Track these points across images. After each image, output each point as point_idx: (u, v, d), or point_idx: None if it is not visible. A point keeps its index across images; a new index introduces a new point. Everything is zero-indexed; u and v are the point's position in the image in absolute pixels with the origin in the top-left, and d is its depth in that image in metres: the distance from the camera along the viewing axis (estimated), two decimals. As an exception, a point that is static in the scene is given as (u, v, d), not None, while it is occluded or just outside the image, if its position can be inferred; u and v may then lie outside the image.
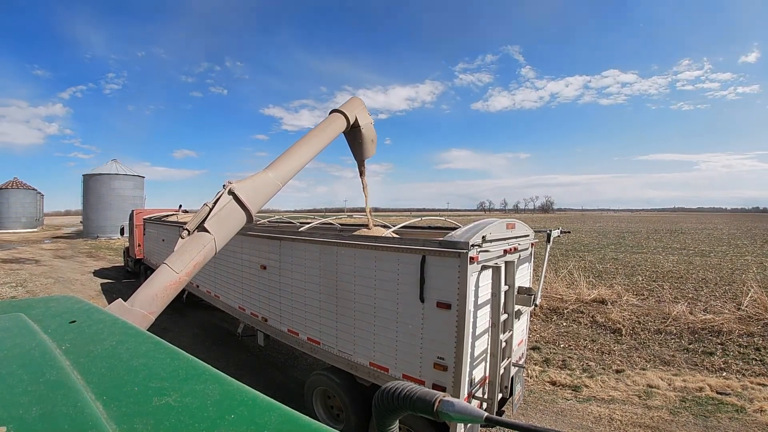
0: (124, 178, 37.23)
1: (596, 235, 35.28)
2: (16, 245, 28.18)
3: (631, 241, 29.25)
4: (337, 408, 5.01)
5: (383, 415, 1.21)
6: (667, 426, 5.37)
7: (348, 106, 5.28)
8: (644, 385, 6.48)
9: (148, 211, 15.41)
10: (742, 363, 7.20)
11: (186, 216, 12.53)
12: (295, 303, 5.43)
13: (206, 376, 0.95)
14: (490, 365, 4.09)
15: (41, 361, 1.03)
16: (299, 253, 5.32)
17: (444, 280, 3.65)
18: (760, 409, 5.65)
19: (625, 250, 23.11)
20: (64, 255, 23.62)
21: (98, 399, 0.85)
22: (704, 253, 21.58)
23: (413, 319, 3.90)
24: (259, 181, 4.18)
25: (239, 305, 6.93)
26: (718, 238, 31.02)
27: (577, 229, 44.86)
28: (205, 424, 0.75)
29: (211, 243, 3.73)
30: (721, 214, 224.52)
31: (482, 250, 3.72)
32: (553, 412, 5.76)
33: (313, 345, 5.13)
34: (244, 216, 4.03)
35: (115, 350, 1.14)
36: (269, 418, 0.77)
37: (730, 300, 10.56)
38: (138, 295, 3.38)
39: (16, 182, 43.12)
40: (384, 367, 4.21)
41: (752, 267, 14.88)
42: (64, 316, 1.49)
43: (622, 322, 9.15)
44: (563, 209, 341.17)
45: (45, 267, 18.70)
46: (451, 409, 1.08)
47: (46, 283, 14.86)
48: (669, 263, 17.58)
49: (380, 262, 4.21)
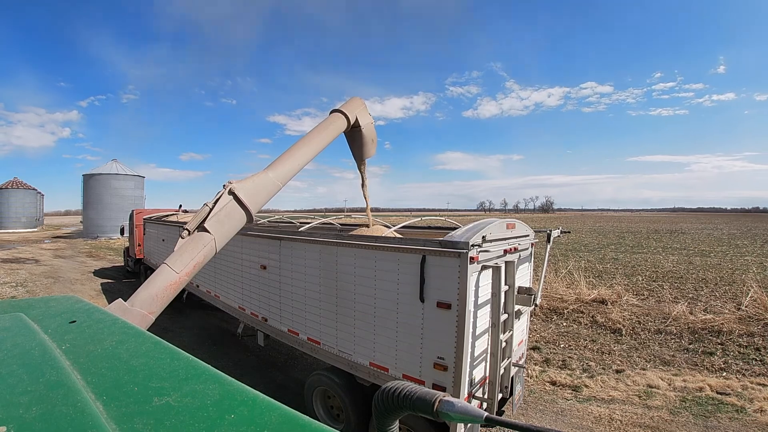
0: (124, 178, 37.21)
1: (596, 235, 35.28)
2: (16, 245, 28.19)
3: (631, 241, 29.25)
4: (337, 408, 5.01)
5: (383, 415, 1.21)
6: (667, 426, 5.37)
7: (348, 105, 5.26)
8: (644, 385, 6.47)
9: (148, 211, 15.41)
10: (742, 363, 7.20)
11: (186, 216, 12.53)
12: (295, 303, 5.43)
13: (206, 376, 0.95)
14: (490, 365, 4.09)
15: (41, 361, 1.03)
16: (299, 253, 5.32)
17: (444, 280, 3.65)
18: (760, 409, 5.65)
19: (625, 250, 23.11)
20: (64, 255, 23.63)
21: (98, 399, 0.85)
22: (704, 253, 21.58)
23: (413, 319, 3.90)
24: (259, 181, 4.18)
25: (239, 305, 6.93)
26: (718, 238, 31.02)
27: (577, 229, 44.86)
28: (205, 424, 0.75)
29: (211, 243, 3.73)
30: (721, 214, 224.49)
31: (482, 250, 3.72)
32: (553, 412, 5.76)
33: (313, 345, 5.13)
34: (244, 216, 4.02)
35: (115, 350, 1.14)
36: (269, 418, 0.77)
37: (730, 300, 10.56)
38: (138, 295, 3.38)
39: (16, 182, 43.12)
40: (384, 367, 4.21)
41: (752, 267, 14.89)
42: (64, 316, 1.49)
43: (622, 322, 9.15)
44: (563, 209, 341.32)
45: (45, 267, 18.70)
46: (451, 409, 1.08)
47: (46, 282, 14.86)
48: (669, 263, 17.58)
49: (380, 262, 4.21)
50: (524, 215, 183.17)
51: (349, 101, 5.38)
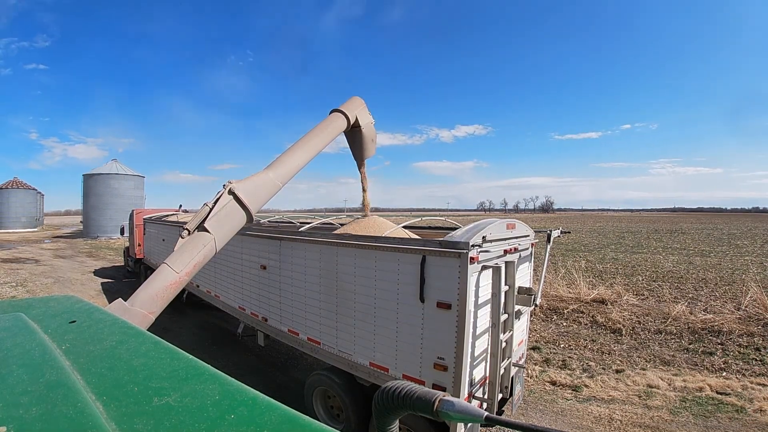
0: (124, 178, 37.21)
1: (596, 235, 35.28)
2: (16, 245, 28.18)
3: (631, 241, 29.24)
4: (337, 408, 5.01)
5: (383, 415, 1.21)
6: (667, 426, 5.37)
7: (348, 105, 5.26)
8: (644, 385, 6.47)
9: (148, 210, 15.41)
10: (742, 363, 7.20)
11: (186, 216, 12.54)
12: (295, 303, 5.43)
13: (206, 376, 0.95)
14: (490, 365, 4.09)
15: (41, 361, 1.03)
16: (299, 253, 5.32)
17: (444, 280, 3.65)
18: (760, 409, 5.64)
19: (625, 250, 23.11)
20: (64, 255, 23.63)
21: (98, 399, 0.85)
22: (704, 253, 21.58)
23: (413, 319, 3.90)
24: (259, 181, 4.18)
25: (239, 305, 6.93)
26: (718, 238, 31.02)
27: (577, 229, 44.85)
28: (205, 424, 0.75)
29: (211, 243, 3.74)
30: (721, 214, 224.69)
31: (482, 250, 3.71)
32: (553, 412, 5.76)
33: (313, 345, 5.13)
34: (244, 216, 4.03)
35: (115, 350, 1.14)
36: (269, 418, 0.77)
37: (730, 300, 10.56)
38: (138, 295, 3.39)
39: (16, 182, 43.12)
40: (384, 367, 4.21)
41: (752, 267, 14.89)
42: (64, 315, 1.49)
43: (622, 322, 9.15)
44: (563, 209, 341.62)
45: (45, 267, 18.70)
46: (451, 409, 1.08)
47: (46, 282, 14.86)
48: (669, 263, 17.58)
49: (380, 262, 4.21)
50: (524, 215, 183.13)
51: (349, 101, 5.36)
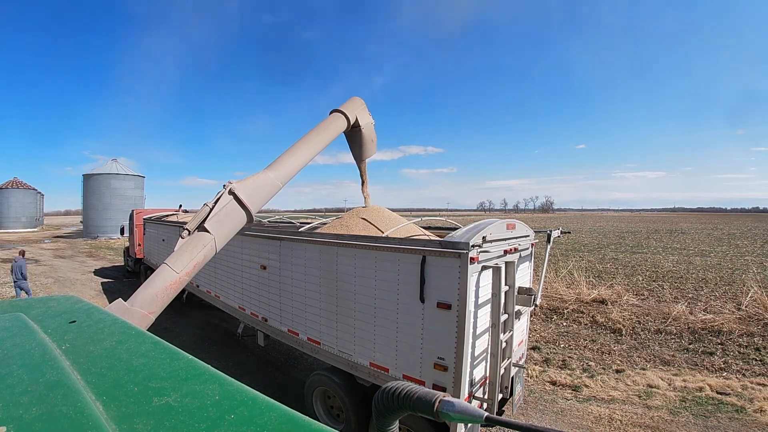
0: (124, 178, 37.21)
1: (596, 235, 35.28)
2: (16, 245, 28.17)
3: (631, 241, 29.24)
4: (337, 408, 5.01)
5: (383, 415, 1.21)
6: (667, 426, 5.37)
7: (348, 105, 5.24)
8: (644, 385, 6.47)
9: (149, 210, 15.41)
10: (742, 363, 7.20)
11: (186, 216, 12.53)
12: (295, 303, 5.43)
13: (206, 376, 0.95)
14: (491, 365, 4.09)
15: (41, 361, 1.03)
16: (299, 253, 5.32)
17: (444, 281, 3.64)
18: (760, 409, 5.64)
19: (625, 250, 23.10)
20: (64, 255, 23.62)
21: (98, 399, 0.85)
22: (704, 253, 21.58)
23: (413, 319, 3.89)
24: (259, 181, 4.18)
25: (239, 305, 6.93)
26: (718, 238, 31.01)
27: (577, 229, 44.85)
28: (205, 424, 0.75)
29: (211, 243, 3.73)
30: (720, 214, 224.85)
31: (483, 250, 3.71)
32: (553, 412, 5.76)
33: (313, 345, 5.13)
34: (245, 216, 4.02)
35: (115, 350, 1.14)
36: (269, 418, 0.77)
37: (730, 300, 10.56)
38: (138, 295, 3.38)
39: (16, 182, 43.12)
40: (384, 367, 4.21)
41: (752, 267, 14.88)
42: (64, 316, 1.49)
43: (622, 322, 9.15)
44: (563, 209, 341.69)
45: (45, 267, 18.70)
46: (451, 409, 1.08)
47: (46, 282, 14.87)
48: (669, 263, 17.57)
49: (380, 263, 4.20)
50: (524, 215, 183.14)
51: (349, 101, 5.35)
